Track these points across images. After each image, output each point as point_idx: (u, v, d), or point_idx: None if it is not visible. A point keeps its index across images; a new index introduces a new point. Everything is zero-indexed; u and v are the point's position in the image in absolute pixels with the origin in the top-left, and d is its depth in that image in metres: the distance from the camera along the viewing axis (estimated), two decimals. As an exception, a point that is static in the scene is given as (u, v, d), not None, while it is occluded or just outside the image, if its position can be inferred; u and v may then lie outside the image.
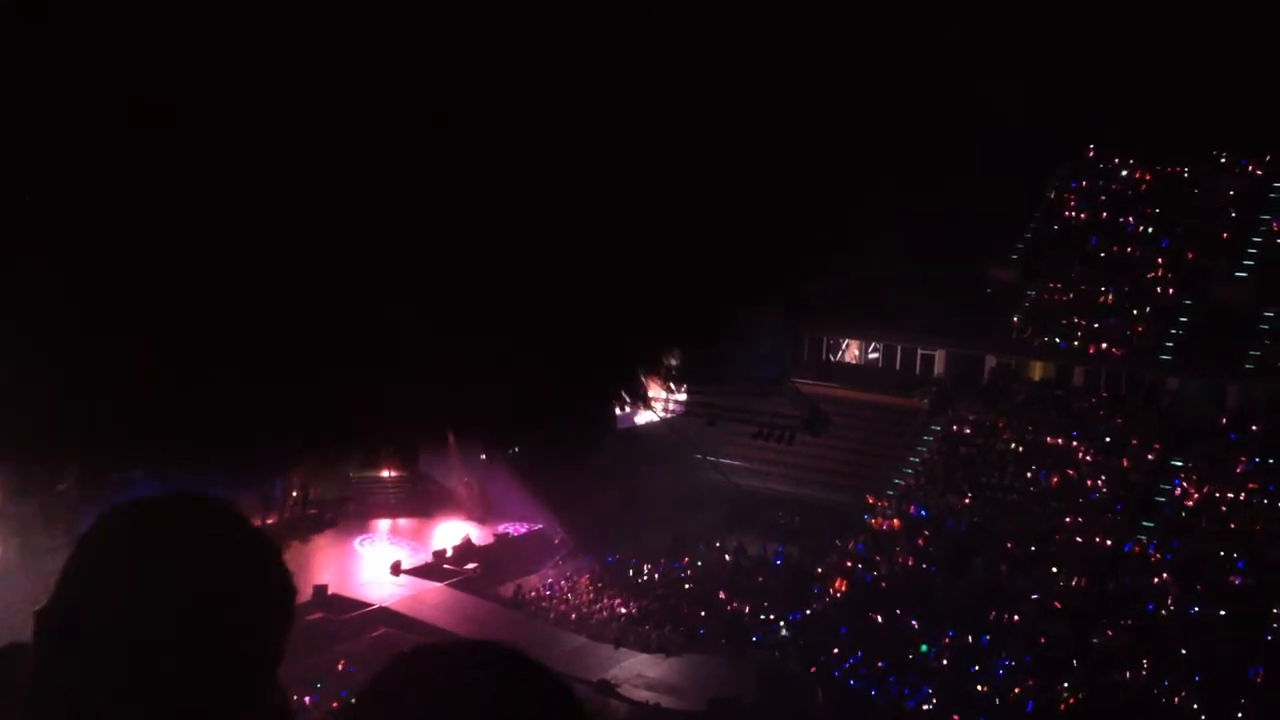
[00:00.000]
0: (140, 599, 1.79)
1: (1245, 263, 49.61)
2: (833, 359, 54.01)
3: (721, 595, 38.22)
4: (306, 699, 27.02)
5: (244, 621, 1.86)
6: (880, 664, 33.53)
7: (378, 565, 39.70)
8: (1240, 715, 30.56)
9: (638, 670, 33.09)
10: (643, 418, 49.21)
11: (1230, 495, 40.63)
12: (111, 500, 2.01)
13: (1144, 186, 54.76)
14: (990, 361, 49.84)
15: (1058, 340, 49.13)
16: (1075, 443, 44.62)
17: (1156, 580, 37.47)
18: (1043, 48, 50.05)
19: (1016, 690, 31.93)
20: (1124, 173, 55.59)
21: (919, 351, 51.60)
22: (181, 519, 1.90)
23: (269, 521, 39.41)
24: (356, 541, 42.37)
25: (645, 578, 40.19)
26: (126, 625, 1.77)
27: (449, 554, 40.90)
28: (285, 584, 1.95)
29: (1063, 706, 31.39)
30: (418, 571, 39.40)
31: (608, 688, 31.57)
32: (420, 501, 45.64)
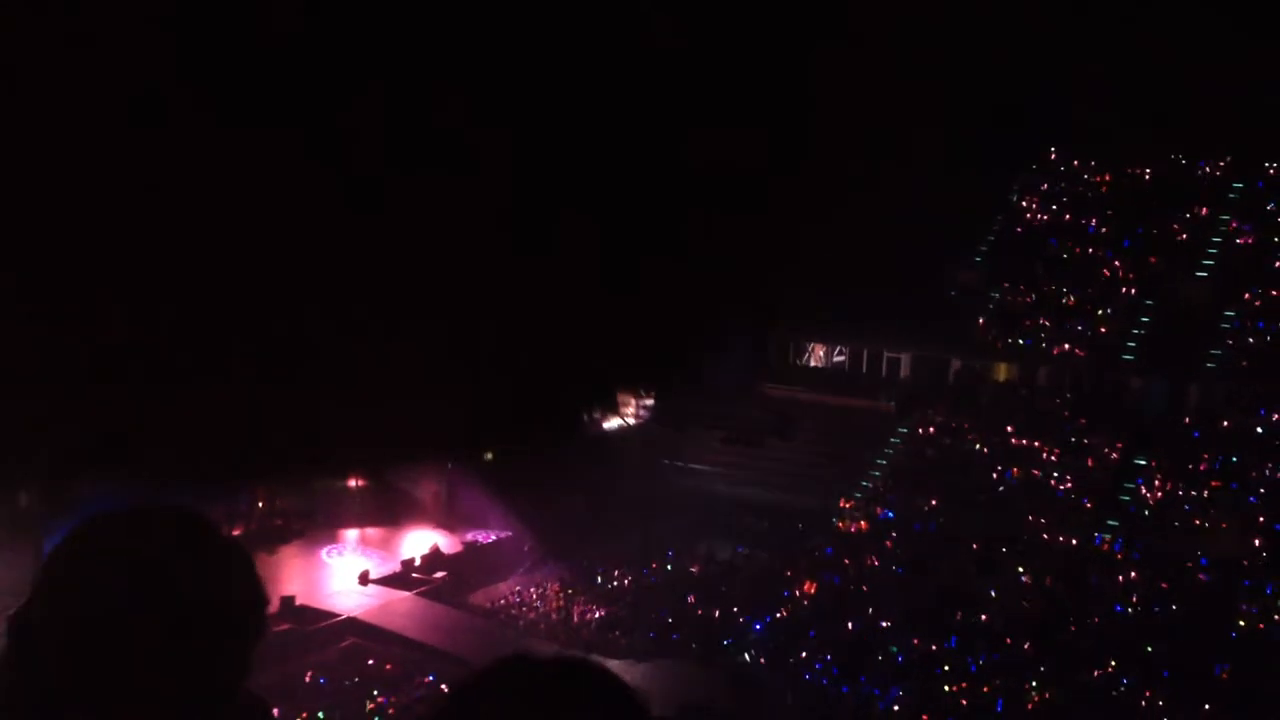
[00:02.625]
0: (116, 605, 1.80)
1: (1205, 263, 50.11)
2: (800, 363, 54.18)
3: (691, 600, 38.23)
4: (275, 710, 26.77)
5: (219, 627, 1.87)
6: (850, 665, 33.63)
7: (345, 575, 39.51)
8: (1207, 712, 30.80)
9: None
10: (611, 424, 49.20)
11: (1194, 493, 41.01)
12: (74, 514, 2.01)
13: (1105, 188, 55.24)
14: (955, 364, 50.14)
15: (1022, 342, 49.47)
16: (1040, 443, 44.92)
17: (1122, 579, 37.75)
18: (1005, 50, 50.46)
19: (984, 690, 32.09)
20: (1085, 175, 56.08)
21: (885, 355, 51.85)
22: (157, 528, 1.91)
23: (235, 533, 39.17)
24: (324, 552, 42.14)
25: (615, 584, 40.15)
26: (102, 630, 1.78)
27: (417, 563, 40.74)
28: (258, 591, 1.96)
29: (1030, 706, 31.55)
30: (386, 581, 39.23)
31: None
32: (388, 511, 45.43)
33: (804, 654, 34.41)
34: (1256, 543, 38.06)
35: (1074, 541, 40.03)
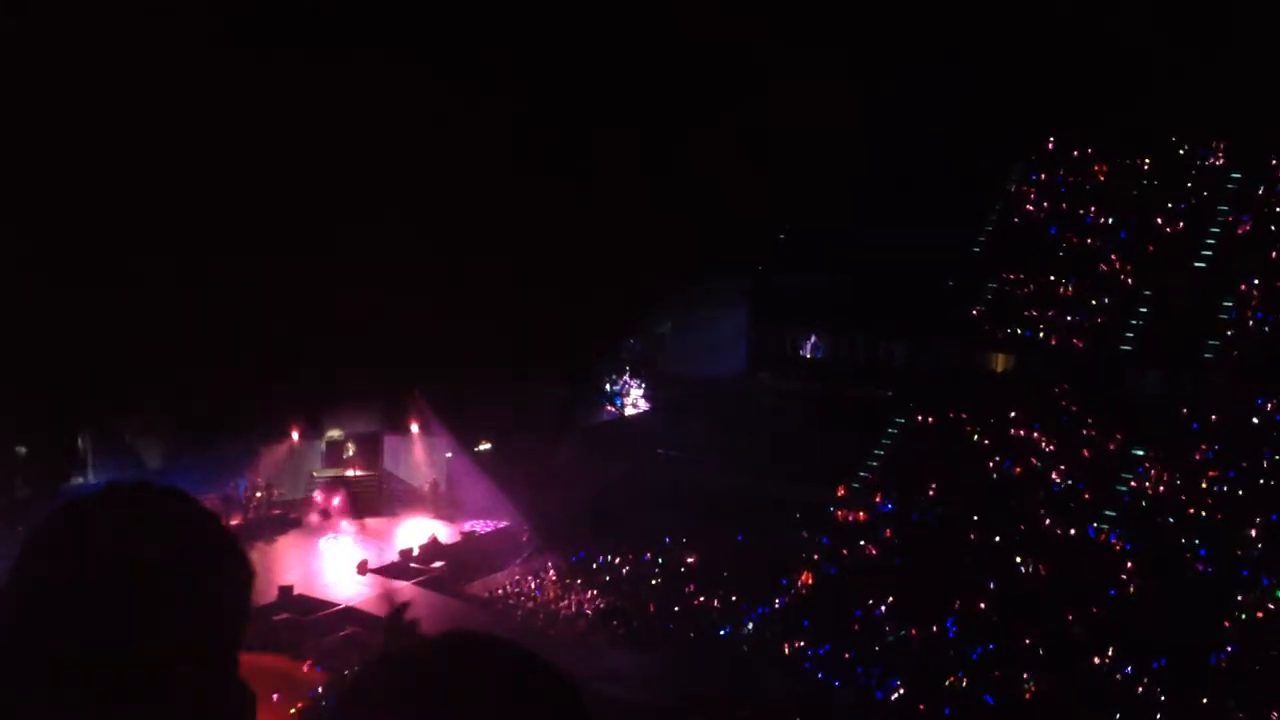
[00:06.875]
0: (93, 586, 1.78)
1: (1204, 253, 50.04)
2: (798, 353, 54.14)
3: (689, 589, 38.24)
4: (274, 696, 26.85)
5: (200, 606, 1.84)
6: (847, 655, 33.67)
7: (344, 565, 39.50)
8: (1204, 701, 30.86)
9: (606, 666, 33.07)
10: (608, 414, 49.22)
11: (1191, 483, 41.04)
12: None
13: (1103, 178, 55.11)
14: (953, 354, 50.06)
15: (1019, 332, 49.42)
16: (1037, 434, 44.92)
17: (1119, 569, 37.80)
18: (1002, 39, 50.48)
19: (982, 680, 32.13)
20: (1083, 165, 55.91)
21: (882, 344, 51.79)
22: (132, 507, 1.89)
23: (233, 522, 39.12)
24: (322, 541, 42.15)
25: (613, 573, 40.15)
26: (80, 612, 1.76)
27: (415, 553, 40.74)
28: (240, 566, 1.94)
29: (1027, 695, 31.61)
30: (384, 571, 39.23)
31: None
32: (386, 501, 45.43)
33: (801, 644, 34.46)
34: (1253, 533, 38.12)
35: (1072, 532, 40.06)
